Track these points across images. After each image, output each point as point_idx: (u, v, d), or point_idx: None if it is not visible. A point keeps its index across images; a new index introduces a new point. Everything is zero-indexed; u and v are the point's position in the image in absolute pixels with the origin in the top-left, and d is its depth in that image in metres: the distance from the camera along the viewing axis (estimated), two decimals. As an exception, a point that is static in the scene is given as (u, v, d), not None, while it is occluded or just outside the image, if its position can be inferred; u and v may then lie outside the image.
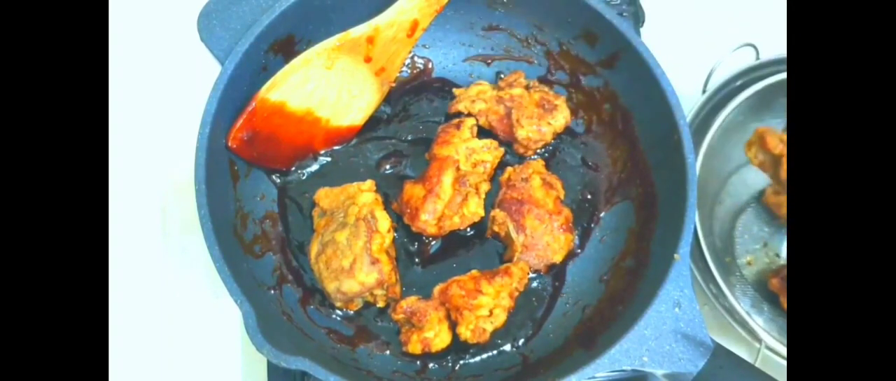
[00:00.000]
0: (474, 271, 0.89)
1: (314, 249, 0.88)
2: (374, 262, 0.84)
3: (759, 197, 1.05)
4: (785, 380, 0.77)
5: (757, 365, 0.82)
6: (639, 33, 1.06)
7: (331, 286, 0.86)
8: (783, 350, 0.90)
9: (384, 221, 0.86)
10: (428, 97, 1.02)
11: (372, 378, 0.85)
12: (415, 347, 0.86)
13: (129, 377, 0.98)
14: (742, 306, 0.91)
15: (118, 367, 0.98)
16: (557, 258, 0.93)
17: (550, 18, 0.97)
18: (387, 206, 0.91)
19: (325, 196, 0.92)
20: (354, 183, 0.91)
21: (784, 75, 0.95)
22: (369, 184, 0.90)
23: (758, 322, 0.91)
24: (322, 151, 0.97)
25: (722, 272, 0.92)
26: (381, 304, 0.90)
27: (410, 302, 0.86)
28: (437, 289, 0.88)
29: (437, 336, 0.86)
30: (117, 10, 1.09)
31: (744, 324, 0.91)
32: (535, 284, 0.94)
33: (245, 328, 0.74)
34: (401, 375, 0.87)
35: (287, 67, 0.87)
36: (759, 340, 0.89)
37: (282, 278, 0.91)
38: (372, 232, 0.85)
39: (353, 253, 0.84)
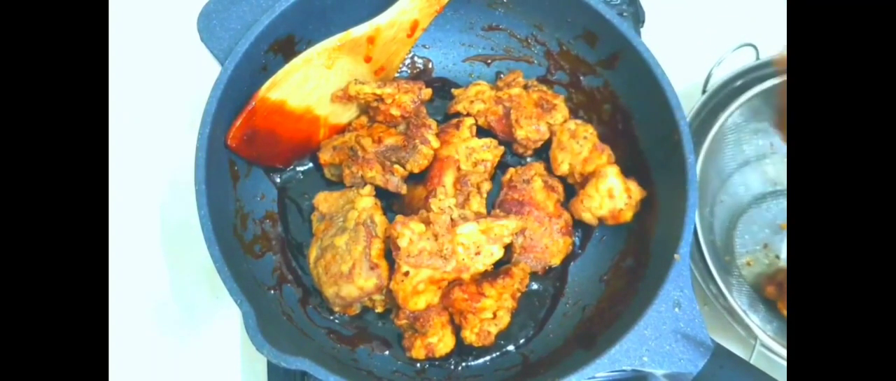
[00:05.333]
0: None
1: (313, 253, 0.88)
2: (374, 267, 0.83)
3: (760, 198, 1.05)
4: (783, 379, 0.77)
5: (752, 361, 0.82)
6: (639, 33, 1.06)
7: (329, 291, 0.86)
8: (778, 348, 0.90)
9: (384, 226, 0.86)
10: (428, 97, 1.02)
11: (372, 379, 0.85)
12: (419, 352, 0.86)
13: (128, 377, 0.98)
14: (740, 306, 0.91)
15: (118, 367, 0.98)
16: (555, 261, 0.93)
17: (550, 18, 0.97)
18: (386, 211, 0.91)
19: (325, 200, 0.92)
20: (354, 188, 0.91)
21: (784, 77, 0.94)
22: (369, 189, 0.90)
23: (754, 321, 0.91)
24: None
25: (721, 273, 0.92)
26: (379, 309, 0.89)
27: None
28: None
29: (441, 341, 0.86)
30: (117, 10, 1.09)
31: (742, 323, 0.91)
32: (536, 285, 0.94)
33: (245, 328, 0.74)
34: (401, 375, 0.87)
35: (288, 67, 0.87)
36: (755, 337, 0.90)
37: (282, 278, 0.91)
38: (371, 237, 0.84)
39: (353, 258, 0.84)
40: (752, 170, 1.06)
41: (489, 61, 1.04)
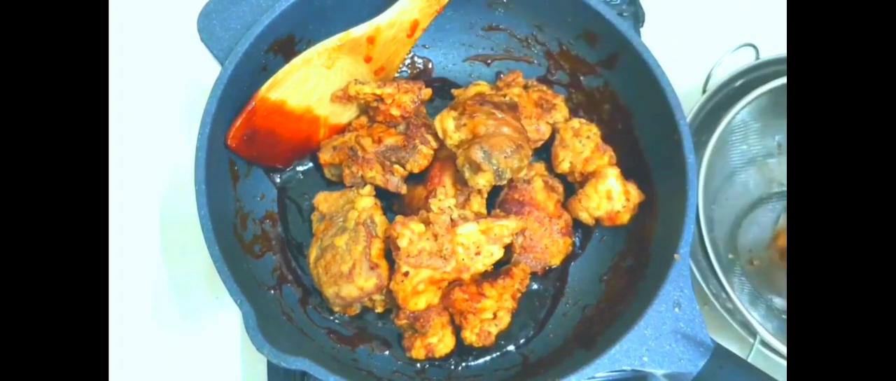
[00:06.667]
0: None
1: (313, 253, 0.88)
2: (374, 267, 0.83)
3: (765, 197, 1.05)
4: (782, 379, 0.77)
5: (750, 360, 0.82)
6: (639, 33, 1.06)
7: (329, 291, 0.85)
8: (777, 346, 0.90)
9: (384, 226, 0.86)
10: (428, 97, 1.02)
11: (372, 379, 0.85)
12: (418, 352, 0.86)
13: (128, 377, 0.98)
14: (741, 304, 0.91)
15: (118, 367, 0.98)
16: (555, 262, 0.93)
17: (550, 18, 0.97)
18: (386, 211, 0.91)
19: (325, 200, 0.92)
20: (354, 188, 0.91)
21: (786, 79, 0.94)
22: (369, 189, 0.90)
23: (754, 317, 0.91)
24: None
25: (724, 271, 0.92)
26: (379, 309, 0.89)
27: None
28: None
29: (441, 341, 0.85)
30: (117, 10, 1.09)
31: (742, 322, 0.91)
32: (536, 285, 0.94)
33: (245, 328, 0.74)
34: (401, 375, 0.87)
35: (288, 66, 0.87)
36: (754, 334, 0.90)
37: (282, 278, 0.91)
38: (371, 237, 0.84)
39: (353, 258, 0.84)
40: (757, 169, 1.06)
41: (489, 61, 1.04)
